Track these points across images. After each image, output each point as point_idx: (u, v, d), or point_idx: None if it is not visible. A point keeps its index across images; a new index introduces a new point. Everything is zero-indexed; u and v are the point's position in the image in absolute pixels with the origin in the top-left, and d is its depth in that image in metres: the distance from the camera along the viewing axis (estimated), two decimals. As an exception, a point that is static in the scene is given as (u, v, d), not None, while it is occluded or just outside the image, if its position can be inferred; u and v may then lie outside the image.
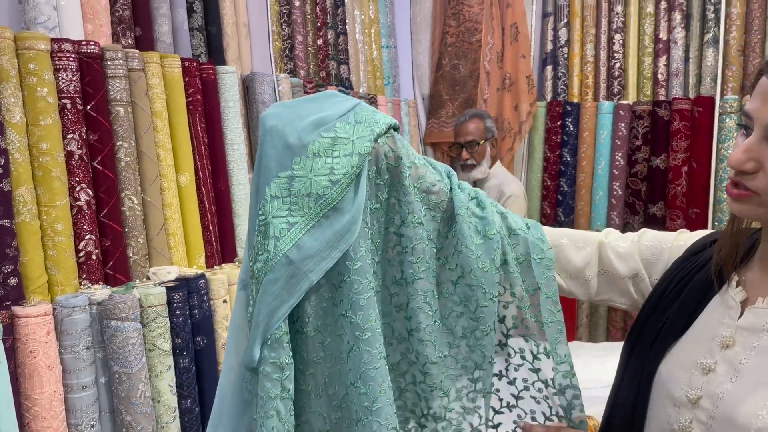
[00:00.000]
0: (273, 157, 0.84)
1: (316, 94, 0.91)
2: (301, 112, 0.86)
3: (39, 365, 1.40)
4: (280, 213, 0.83)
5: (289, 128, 0.84)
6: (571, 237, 1.02)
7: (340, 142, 0.84)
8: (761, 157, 0.74)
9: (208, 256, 1.99)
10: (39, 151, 1.51)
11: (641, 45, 3.35)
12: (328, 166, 0.83)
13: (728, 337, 0.81)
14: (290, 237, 0.83)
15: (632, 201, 3.32)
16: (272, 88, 2.30)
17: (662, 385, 0.86)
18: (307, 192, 0.83)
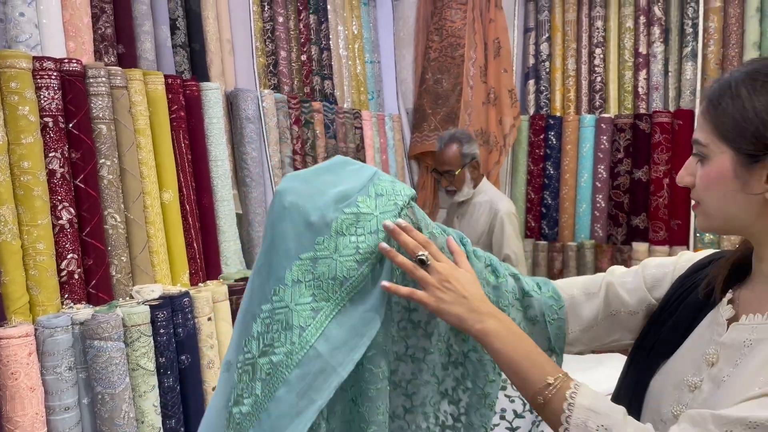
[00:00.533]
0: (292, 236, 0.78)
1: (328, 163, 0.87)
2: (319, 186, 0.81)
3: (21, 387, 1.38)
4: (304, 299, 0.77)
5: (310, 205, 0.79)
6: (580, 287, 1.02)
7: (363, 218, 0.80)
8: (694, 170, 0.85)
9: (193, 273, 1.98)
10: (20, 170, 1.50)
11: (621, 59, 3.40)
12: (353, 245, 0.79)
13: (713, 354, 0.83)
14: (316, 326, 0.77)
15: (615, 213, 3.35)
16: (256, 104, 2.30)
17: (652, 400, 0.88)
18: (333, 275, 0.78)
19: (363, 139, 3.13)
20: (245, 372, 0.78)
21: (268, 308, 0.78)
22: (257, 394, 0.77)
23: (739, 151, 0.78)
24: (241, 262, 2.20)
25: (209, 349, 1.81)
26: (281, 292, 0.78)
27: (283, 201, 0.80)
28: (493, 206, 2.64)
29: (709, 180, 0.81)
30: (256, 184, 2.29)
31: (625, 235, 3.32)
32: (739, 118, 0.77)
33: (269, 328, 0.77)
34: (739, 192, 0.79)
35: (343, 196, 0.80)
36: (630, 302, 0.99)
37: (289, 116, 2.52)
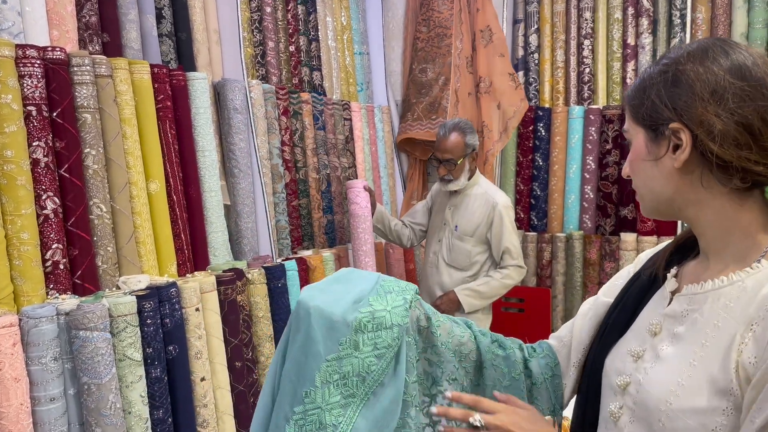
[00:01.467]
0: (320, 340, 0.86)
1: (336, 275, 0.96)
2: (336, 293, 0.90)
3: (5, 377, 1.37)
4: (334, 399, 0.85)
5: (332, 309, 0.87)
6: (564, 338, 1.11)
7: (378, 315, 0.88)
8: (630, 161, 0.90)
9: (180, 264, 1.97)
10: (3, 159, 1.48)
11: (610, 50, 3.41)
12: (371, 341, 0.87)
13: (655, 324, 0.87)
14: (347, 423, 0.84)
15: (604, 204, 3.36)
16: (244, 94, 2.29)
17: (606, 377, 0.93)
18: (356, 372, 0.86)
19: (352, 130, 3.12)
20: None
21: (301, 410, 0.85)
22: None
23: (647, 128, 0.84)
24: (228, 253, 2.19)
25: (197, 339, 1.80)
26: (312, 393, 0.84)
27: (308, 308, 0.88)
28: (489, 198, 2.63)
29: (633, 161, 0.87)
30: (244, 175, 2.28)
31: (613, 226, 3.34)
32: (638, 98, 0.85)
33: (302, 428, 0.84)
34: (654, 166, 0.84)
35: (357, 299, 0.90)
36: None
37: (277, 107, 2.51)
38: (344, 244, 2.93)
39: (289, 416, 0.85)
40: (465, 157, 2.62)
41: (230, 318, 1.95)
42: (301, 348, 0.87)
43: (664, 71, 0.82)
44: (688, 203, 0.83)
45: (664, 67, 0.82)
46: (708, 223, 0.83)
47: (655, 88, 0.83)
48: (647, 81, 0.85)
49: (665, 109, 0.81)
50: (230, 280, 1.96)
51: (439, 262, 2.73)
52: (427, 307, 0.99)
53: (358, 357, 0.86)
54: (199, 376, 1.80)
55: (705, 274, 0.84)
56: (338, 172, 2.95)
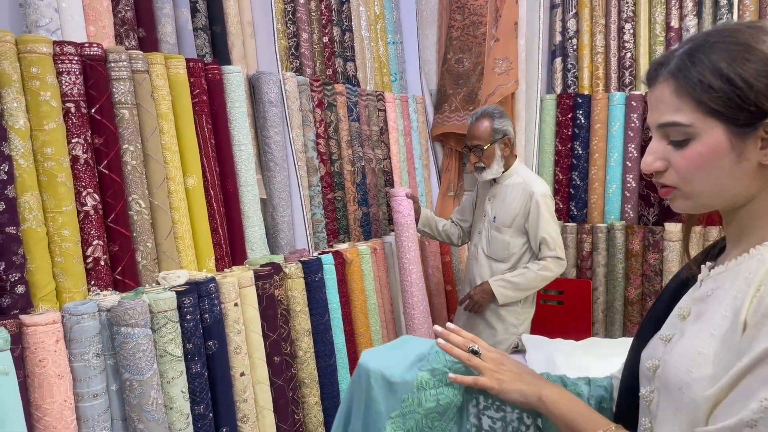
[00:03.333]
0: (381, 399, 0.92)
1: (393, 342, 1.04)
2: (396, 356, 0.97)
3: (48, 374, 1.38)
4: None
5: (392, 371, 0.94)
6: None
7: (438, 372, 0.93)
8: (665, 154, 0.84)
9: (218, 259, 1.96)
10: (44, 156, 1.49)
11: (652, 34, 3.29)
12: (433, 397, 0.91)
13: (684, 308, 0.88)
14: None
15: (647, 193, 3.26)
16: (279, 86, 2.27)
17: (642, 367, 0.94)
18: (420, 427, 0.90)
19: (386, 121, 3.08)
20: None
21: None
22: None
23: (735, 123, 0.78)
24: (265, 247, 2.18)
25: (236, 334, 1.79)
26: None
27: (368, 370, 0.95)
28: (527, 188, 2.55)
29: (703, 160, 0.81)
30: (280, 168, 2.26)
31: (657, 216, 3.23)
32: (729, 91, 0.77)
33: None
34: (735, 164, 0.80)
35: (417, 359, 0.96)
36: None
37: (311, 99, 2.48)
38: (380, 236, 2.91)
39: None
40: (494, 143, 2.55)
41: (268, 313, 1.94)
42: (366, 408, 0.93)
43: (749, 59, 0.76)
44: (748, 197, 0.82)
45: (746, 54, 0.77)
46: (753, 213, 0.83)
47: (741, 79, 0.77)
48: (730, 71, 0.77)
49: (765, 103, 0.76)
50: (268, 274, 1.95)
51: (479, 254, 2.69)
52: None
53: (420, 413, 0.90)
54: (238, 371, 1.80)
55: (730, 256, 0.86)
56: (373, 163, 2.91)
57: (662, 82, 0.83)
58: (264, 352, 1.90)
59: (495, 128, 2.54)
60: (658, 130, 0.85)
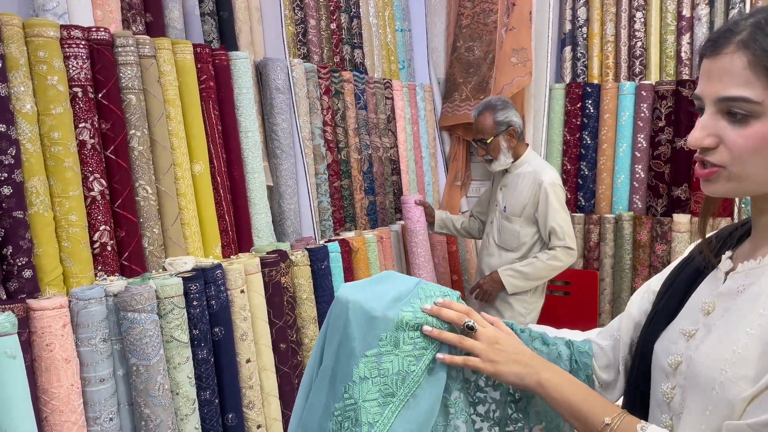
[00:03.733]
0: (358, 335, 0.85)
1: (375, 276, 0.95)
2: (376, 291, 0.90)
3: (56, 358, 1.38)
4: (371, 395, 0.84)
5: (372, 305, 0.86)
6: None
7: (419, 315, 0.87)
8: (717, 130, 0.78)
9: (225, 245, 1.96)
10: (51, 141, 1.48)
11: (664, 23, 3.25)
12: (411, 340, 0.86)
13: (709, 303, 0.84)
14: (384, 422, 0.83)
15: (655, 184, 3.23)
16: (286, 73, 2.25)
17: (656, 360, 0.90)
18: (396, 370, 0.84)
19: (394, 109, 3.06)
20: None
21: (341, 406, 0.85)
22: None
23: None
24: (272, 235, 2.17)
25: (242, 321, 1.79)
26: (350, 389, 0.84)
27: (346, 303, 0.87)
28: (536, 177, 2.53)
29: (763, 141, 0.75)
30: (287, 155, 2.25)
31: (665, 207, 3.21)
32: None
33: (341, 425, 0.84)
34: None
35: (398, 298, 0.89)
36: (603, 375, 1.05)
37: (319, 86, 2.47)
38: (386, 225, 2.90)
39: (331, 412, 0.85)
40: (498, 135, 2.54)
41: (275, 300, 1.93)
42: (340, 344, 0.87)
43: None
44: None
45: None
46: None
47: None
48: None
49: None
50: (274, 261, 1.95)
51: (490, 243, 2.69)
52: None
53: (398, 355, 0.85)
54: (244, 358, 1.80)
55: (763, 250, 0.82)
56: (380, 152, 2.90)
57: (732, 51, 0.76)
58: (270, 339, 1.91)
59: (497, 120, 2.54)
60: (716, 103, 0.78)
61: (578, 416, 0.87)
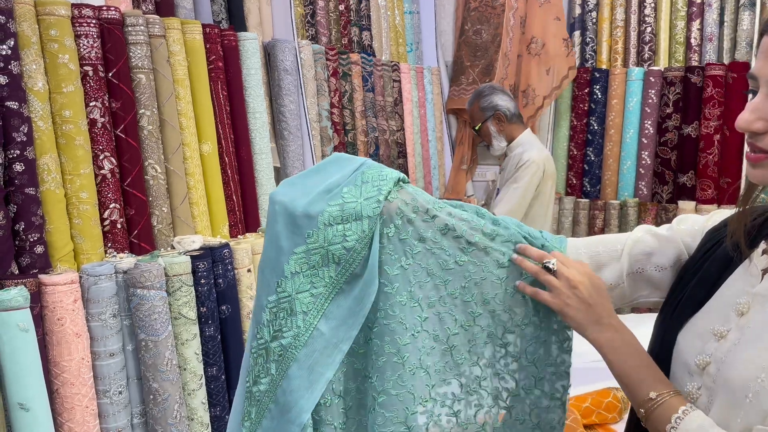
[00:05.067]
0: (285, 235, 0.86)
1: (322, 162, 0.92)
2: (309, 185, 0.88)
3: (67, 333, 1.41)
4: (303, 287, 0.86)
5: (298, 204, 0.86)
6: (606, 244, 0.99)
7: (348, 208, 0.85)
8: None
9: (232, 225, 1.98)
10: (62, 119, 1.50)
11: (674, 8, 3.23)
12: (340, 233, 0.85)
13: (744, 304, 0.80)
14: (317, 308, 0.86)
15: (661, 170, 3.24)
16: (294, 54, 2.26)
17: (679, 354, 0.86)
18: (325, 262, 0.86)
19: (401, 92, 3.06)
20: (260, 356, 0.88)
21: (274, 299, 0.87)
22: (272, 374, 0.87)
23: None
24: (279, 216, 2.19)
25: (249, 299, 1.82)
26: (283, 283, 0.86)
27: (274, 204, 0.88)
28: (522, 157, 2.52)
29: None
30: (294, 137, 2.27)
31: (670, 194, 3.21)
32: None
33: (276, 316, 0.87)
34: None
35: (328, 189, 0.87)
36: (659, 257, 0.95)
37: (326, 68, 2.47)
38: (392, 208, 2.91)
39: (264, 305, 0.88)
40: (486, 121, 2.58)
41: (281, 280, 1.96)
42: (270, 242, 0.88)
43: None
44: None
45: None
46: None
47: None
48: None
49: None
50: (281, 242, 1.97)
51: None
52: (415, 193, 0.90)
53: (326, 249, 0.85)
54: (250, 336, 1.83)
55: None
56: (386, 135, 2.91)
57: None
58: (276, 317, 1.93)
59: (482, 107, 2.57)
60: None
61: (627, 383, 0.84)
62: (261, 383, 0.88)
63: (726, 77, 3.02)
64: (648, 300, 0.98)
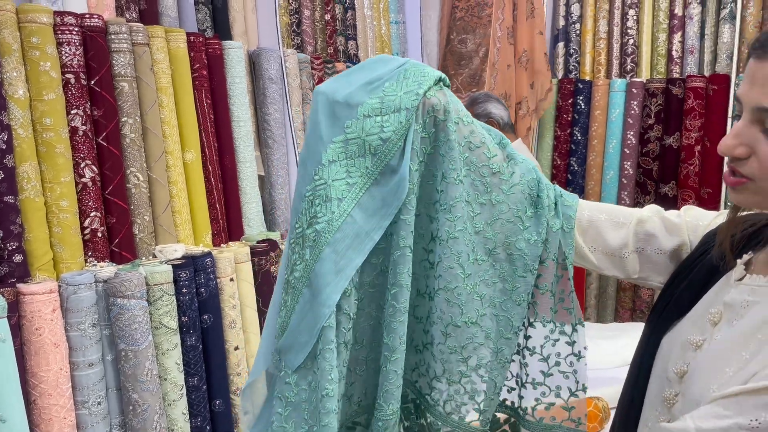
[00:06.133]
0: (325, 124, 0.88)
1: (366, 61, 0.94)
2: (352, 80, 0.90)
3: (45, 342, 1.40)
4: (339, 176, 0.87)
5: (339, 94, 0.88)
6: (611, 213, 1.00)
7: (387, 100, 0.87)
8: (751, 141, 0.74)
9: (215, 234, 1.97)
10: (43, 127, 1.49)
11: (656, 21, 3.28)
12: (378, 125, 0.86)
13: (715, 314, 0.83)
14: (352, 197, 0.88)
15: (643, 180, 3.27)
16: (279, 63, 2.26)
17: (661, 358, 0.89)
18: (362, 153, 0.87)
19: (386, 101, 3.07)
20: (297, 243, 0.89)
21: (311, 187, 0.88)
22: (306, 259, 0.88)
23: None
24: (262, 224, 2.19)
25: (231, 309, 1.81)
26: (320, 171, 0.87)
27: (317, 95, 0.90)
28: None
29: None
30: (279, 145, 2.27)
31: (652, 203, 3.25)
32: None
33: (312, 203, 0.88)
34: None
35: (369, 82, 0.88)
36: (660, 240, 0.96)
37: (312, 77, 2.48)
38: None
39: (303, 194, 0.89)
40: None
41: (264, 288, 1.95)
42: (311, 132, 0.90)
43: None
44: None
45: None
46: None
47: None
48: None
49: None
50: (264, 251, 1.96)
51: None
52: (452, 100, 0.93)
53: (364, 139, 0.87)
54: (233, 345, 1.82)
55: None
56: (372, 143, 2.92)
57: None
58: (259, 327, 1.93)
59: (476, 113, 2.58)
60: (754, 111, 0.73)
61: None
62: (296, 270, 0.89)
63: (707, 89, 3.06)
64: (647, 282, 1.00)
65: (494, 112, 2.60)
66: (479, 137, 0.95)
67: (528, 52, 3.35)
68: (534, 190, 0.98)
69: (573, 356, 1.00)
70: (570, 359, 1.00)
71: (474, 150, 0.94)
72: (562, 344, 1.00)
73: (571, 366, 1.00)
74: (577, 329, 0.99)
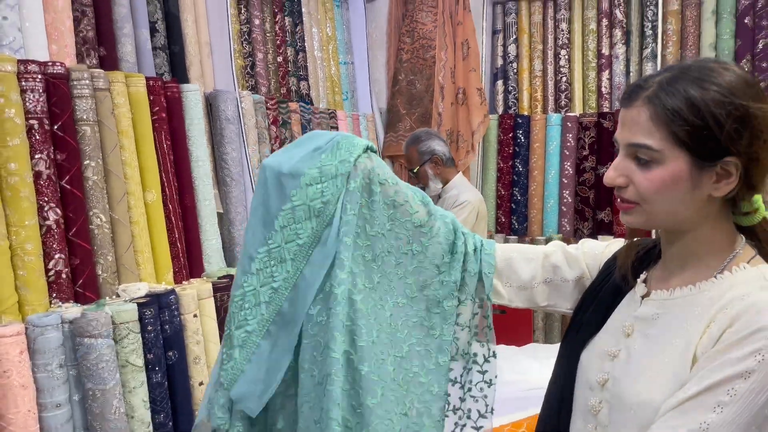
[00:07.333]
0: (274, 195, 0.99)
1: (301, 138, 1.06)
2: (293, 154, 1.02)
3: (13, 385, 1.41)
4: (290, 238, 0.99)
5: (284, 167, 0.99)
6: (521, 251, 1.13)
7: (325, 169, 0.99)
8: (628, 172, 0.88)
9: (176, 271, 2.01)
10: (7, 172, 1.52)
11: (585, 60, 3.53)
12: (318, 191, 0.98)
13: (628, 326, 0.95)
14: (303, 255, 0.99)
15: (581, 208, 3.48)
16: (235, 104, 2.34)
17: (583, 371, 1.00)
18: (308, 216, 0.98)
19: (338, 138, 3.18)
20: (247, 301, 0.99)
21: (265, 249, 0.99)
22: (262, 314, 0.98)
23: (699, 156, 0.83)
24: (222, 260, 2.24)
25: (195, 345, 1.85)
26: (274, 236, 0.98)
27: (265, 170, 1.01)
28: (457, 199, 2.73)
29: (663, 184, 0.85)
30: (236, 183, 2.33)
31: (591, 229, 3.45)
32: (700, 127, 0.82)
33: (267, 264, 0.99)
34: (689, 192, 0.85)
35: (308, 155, 1.00)
36: (566, 273, 1.09)
37: (267, 117, 2.56)
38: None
39: (254, 256, 0.99)
40: (423, 165, 2.77)
41: (226, 324, 1.99)
42: (260, 203, 1.00)
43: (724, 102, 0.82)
44: (694, 223, 0.89)
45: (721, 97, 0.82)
46: (700, 239, 0.90)
47: (714, 120, 0.82)
48: (704, 110, 0.82)
49: (728, 144, 0.82)
50: (226, 286, 2.01)
51: None
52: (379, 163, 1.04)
53: (308, 205, 0.98)
54: (197, 381, 1.85)
55: (673, 281, 0.92)
56: (325, 179, 3.00)
57: (640, 105, 0.86)
58: (222, 361, 1.96)
59: (420, 151, 2.76)
60: (627, 147, 0.88)
61: None
62: (248, 325, 0.98)
63: (634, 122, 3.30)
64: (556, 309, 1.12)
65: (437, 149, 2.77)
66: (403, 196, 1.06)
67: (464, 89, 3.55)
68: (450, 239, 1.09)
69: (484, 383, 1.10)
70: (480, 385, 1.10)
71: (398, 207, 1.05)
72: (475, 373, 1.11)
73: (481, 391, 1.10)
74: (489, 360, 1.10)
